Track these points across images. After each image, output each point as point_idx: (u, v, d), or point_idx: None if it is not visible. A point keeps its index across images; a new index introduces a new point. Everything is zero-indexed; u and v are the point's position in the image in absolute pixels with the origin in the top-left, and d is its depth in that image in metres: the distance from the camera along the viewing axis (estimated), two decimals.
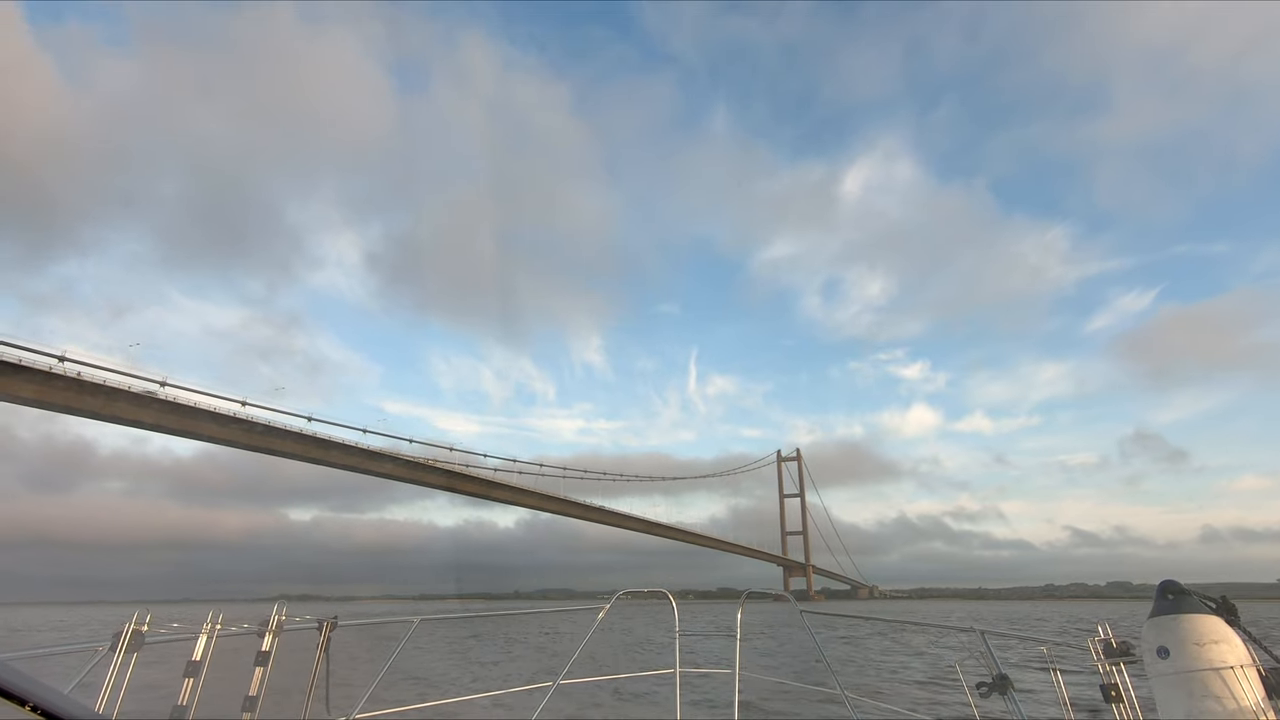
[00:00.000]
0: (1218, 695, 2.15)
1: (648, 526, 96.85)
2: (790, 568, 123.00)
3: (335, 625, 3.55)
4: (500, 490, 78.29)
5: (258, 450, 61.54)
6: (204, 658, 3.05)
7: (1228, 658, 2.19)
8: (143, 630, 2.88)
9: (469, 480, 75.20)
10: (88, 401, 49.51)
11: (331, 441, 63.61)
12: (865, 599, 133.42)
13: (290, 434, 61.09)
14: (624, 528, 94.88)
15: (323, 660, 3.45)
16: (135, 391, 51.05)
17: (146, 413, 52.34)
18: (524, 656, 19.22)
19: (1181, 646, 2.24)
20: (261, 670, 3.23)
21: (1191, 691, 2.18)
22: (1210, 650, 2.21)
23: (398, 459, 68.63)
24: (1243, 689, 2.14)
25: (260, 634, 3.31)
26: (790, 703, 10.58)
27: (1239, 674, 2.16)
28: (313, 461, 64.71)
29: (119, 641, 2.82)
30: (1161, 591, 2.40)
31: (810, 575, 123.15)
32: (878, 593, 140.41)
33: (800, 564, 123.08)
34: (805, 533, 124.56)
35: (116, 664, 2.77)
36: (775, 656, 19.16)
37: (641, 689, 11.84)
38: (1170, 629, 2.30)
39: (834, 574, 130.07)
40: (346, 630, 3.62)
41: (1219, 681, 2.16)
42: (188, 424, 54.94)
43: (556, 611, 12.15)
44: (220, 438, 58.28)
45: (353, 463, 66.24)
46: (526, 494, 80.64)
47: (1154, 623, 2.36)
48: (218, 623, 3.13)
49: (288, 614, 3.41)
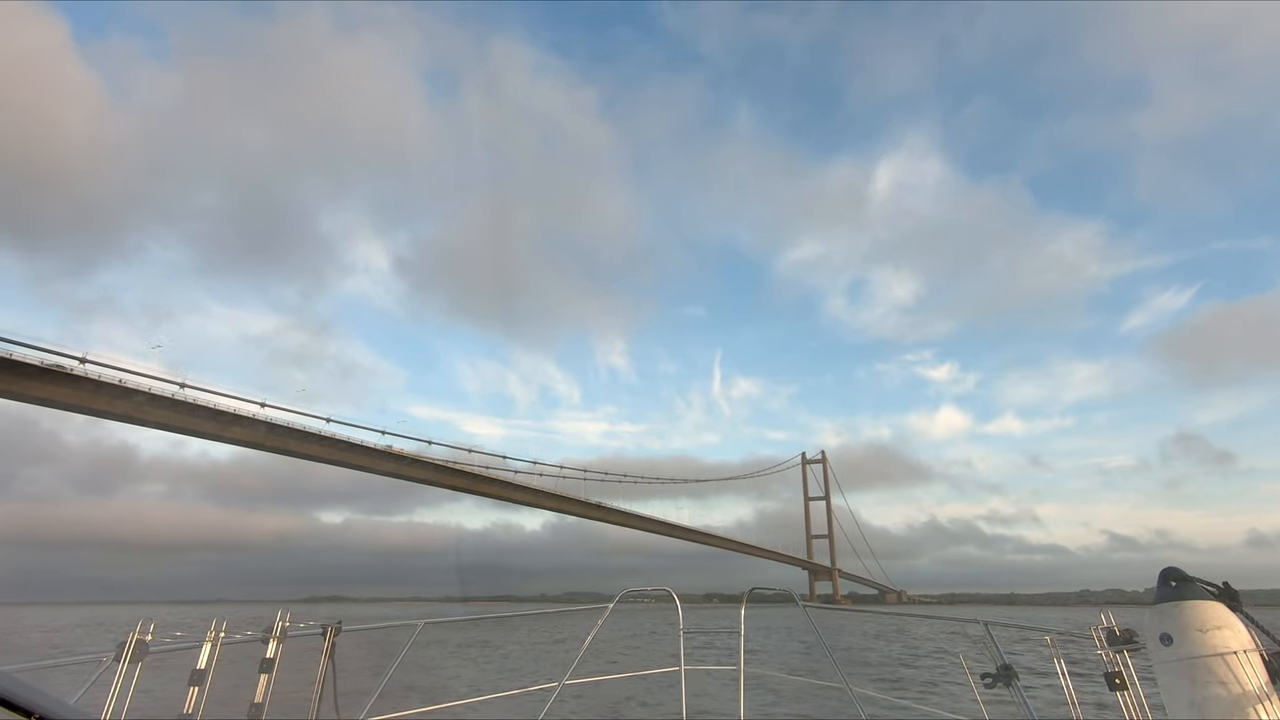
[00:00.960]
0: (1221, 680, 2.15)
1: (668, 529, 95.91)
2: (816, 571, 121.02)
3: (339, 631, 3.54)
4: (520, 492, 77.85)
5: (274, 451, 61.77)
6: (208, 666, 3.06)
7: (1231, 643, 2.20)
8: (146, 639, 2.88)
9: (488, 482, 74.77)
10: (108, 403, 49.94)
11: (349, 443, 63.55)
12: (893, 604, 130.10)
13: (309, 435, 61.19)
14: (644, 530, 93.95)
15: (328, 666, 3.44)
16: (154, 393, 51.35)
17: (162, 413, 52.60)
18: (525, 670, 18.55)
19: (1185, 633, 2.25)
20: (266, 677, 3.24)
21: (1195, 678, 2.19)
22: (1213, 636, 2.21)
23: (415, 460, 68.39)
24: (1246, 674, 2.14)
25: (264, 641, 3.30)
26: (796, 699, 10.56)
27: (1242, 659, 2.17)
28: (330, 462, 64.82)
29: (123, 651, 2.82)
30: (1164, 579, 2.41)
31: (836, 579, 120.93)
32: (906, 597, 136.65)
33: (826, 568, 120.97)
34: (831, 536, 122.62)
35: (121, 673, 2.76)
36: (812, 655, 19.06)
37: (646, 688, 11.74)
38: (1173, 616, 2.31)
39: (861, 578, 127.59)
40: (350, 635, 3.62)
41: (1223, 667, 2.17)
42: (205, 425, 55.19)
43: (561, 612, 12.33)
44: (241, 439, 58.59)
45: (367, 463, 66.14)
46: (546, 496, 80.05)
47: (1157, 610, 2.37)
48: (221, 630, 3.13)
49: (292, 619, 3.41)
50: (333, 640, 3.49)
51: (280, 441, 60.00)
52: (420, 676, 14.35)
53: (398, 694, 3.62)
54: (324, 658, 3.44)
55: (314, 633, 3.49)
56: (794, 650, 21.70)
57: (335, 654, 3.48)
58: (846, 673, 3.72)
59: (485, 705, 4.72)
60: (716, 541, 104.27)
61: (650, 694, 11.50)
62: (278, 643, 3.30)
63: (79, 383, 48.08)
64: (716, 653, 12.65)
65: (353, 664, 3.83)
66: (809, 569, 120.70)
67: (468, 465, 72.62)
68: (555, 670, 3.92)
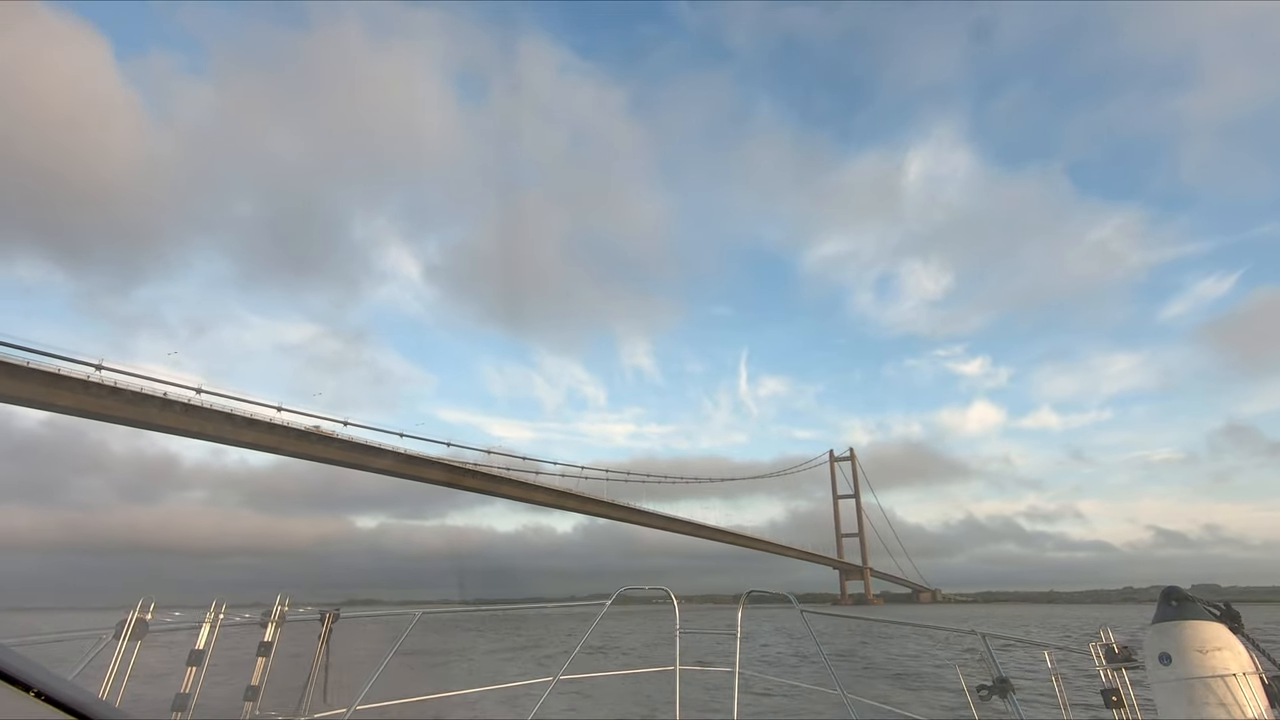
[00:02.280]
0: (1220, 703, 2.13)
1: (694, 529, 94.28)
2: (847, 571, 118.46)
3: (337, 617, 3.57)
4: (540, 493, 76.69)
5: (294, 455, 61.23)
6: (207, 647, 3.11)
7: (1230, 665, 2.17)
8: (146, 618, 2.94)
9: (508, 484, 73.65)
10: (122, 409, 49.51)
11: (366, 445, 62.80)
12: (927, 603, 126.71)
13: (335, 441, 60.63)
14: (670, 530, 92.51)
15: (323, 652, 3.47)
16: (169, 398, 50.87)
17: (178, 419, 52.06)
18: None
19: (1184, 653, 2.23)
20: (264, 660, 3.30)
21: (1193, 699, 2.17)
22: (1213, 657, 2.19)
23: (436, 463, 67.47)
24: (1245, 697, 2.12)
25: (263, 624, 3.36)
26: (790, 702, 10.67)
27: (1241, 681, 2.14)
28: (352, 466, 64.25)
29: (123, 629, 2.87)
30: (1164, 598, 2.40)
31: (868, 578, 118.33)
32: (940, 596, 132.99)
33: (858, 567, 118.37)
34: (861, 534, 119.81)
35: (120, 651, 2.81)
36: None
37: (640, 686, 11.72)
38: (1173, 635, 2.29)
39: (893, 577, 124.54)
40: (348, 622, 3.65)
41: (1221, 689, 2.13)
42: (223, 430, 54.68)
43: (559, 607, 11.92)
44: (259, 444, 57.99)
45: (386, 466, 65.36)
46: (567, 496, 78.82)
47: (1156, 629, 2.36)
48: (221, 612, 3.17)
49: (290, 605, 3.46)
50: (330, 626, 3.50)
51: (297, 446, 59.46)
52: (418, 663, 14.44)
53: (393, 683, 3.06)
54: (320, 643, 3.47)
55: (312, 618, 3.51)
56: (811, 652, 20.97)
57: (331, 640, 3.50)
58: (840, 678, 3.71)
59: (480, 697, 4.78)
60: (744, 541, 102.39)
61: (645, 692, 11.43)
62: (276, 627, 3.35)
63: (90, 388, 47.76)
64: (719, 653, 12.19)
65: (352, 652, 3.82)
66: (840, 568, 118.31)
67: (485, 467, 71.56)
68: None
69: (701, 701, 9.39)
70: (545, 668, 15.73)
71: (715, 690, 9.23)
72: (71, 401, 47.79)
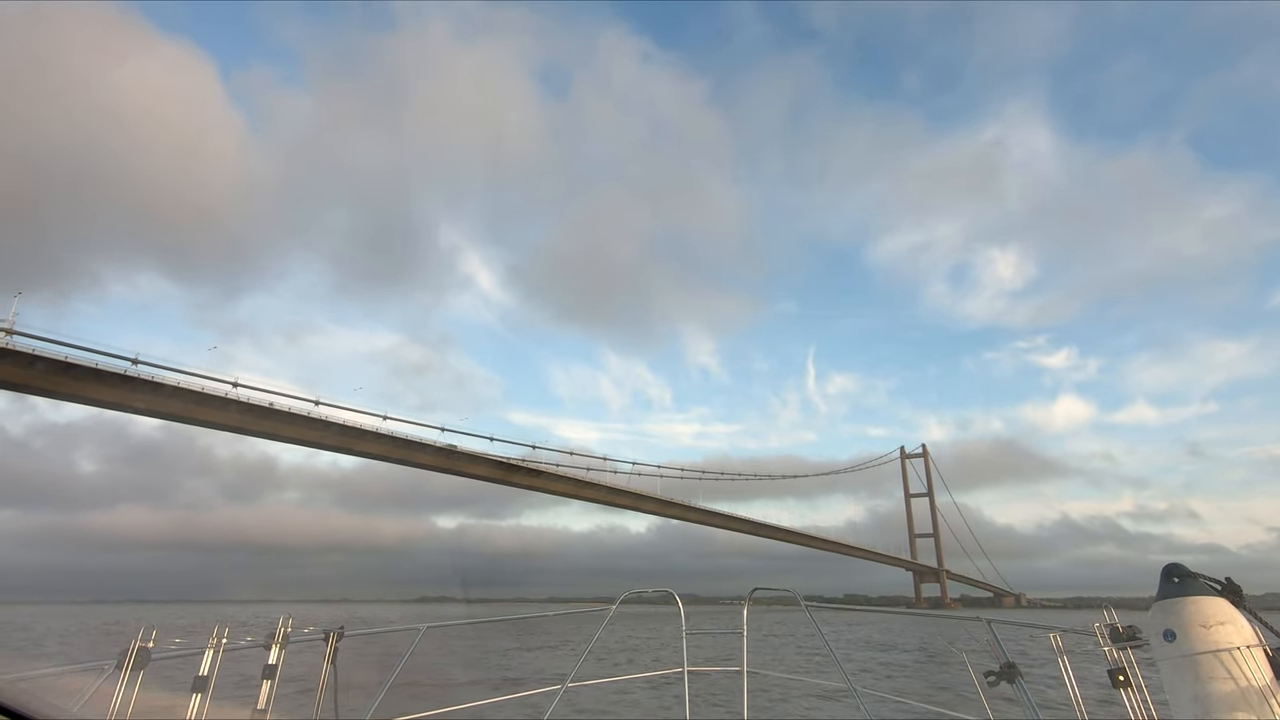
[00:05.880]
0: (1225, 676, 2.16)
1: (756, 529, 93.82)
2: (922, 573, 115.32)
3: (342, 636, 3.54)
4: (626, 497, 78.62)
5: (335, 450, 63.11)
6: (211, 672, 3.04)
7: (1234, 639, 2.20)
8: (149, 647, 2.88)
9: (596, 489, 76.02)
10: (160, 404, 51.73)
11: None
12: (1010, 607, 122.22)
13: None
14: (734, 530, 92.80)
15: (330, 671, 3.44)
16: (207, 393, 52.26)
17: (215, 413, 53.91)
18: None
19: (1187, 629, 2.26)
20: (269, 683, 3.20)
21: (1198, 674, 2.20)
22: (1216, 632, 2.22)
23: (521, 468, 70.50)
24: (1249, 669, 2.15)
25: (267, 646, 3.28)
26: (800, 699, 10.52)
27: (1245, 654, 2.17)
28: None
29: (124, 659, 2.82)
30: (1167, 574, 2.43)
31: (944, 581, 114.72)
32: (1025, 600, 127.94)
33: (932, 569, 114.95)
34: (936, 535, 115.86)
35: (123, 681, 2.77)
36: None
37: (650, 689, 11.70)
38: (1176, 612, 2.32)
39: (972, 580, 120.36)
40: (353, 640, 3.61)
41: (1226, 662, 2.17)
42: (263, 425, 56.95)
43: (565, 615, 12.21)
44: (298, 439, 59.63)
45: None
46: (646, 499, 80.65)
47: (1160, 606, 2.39)
48: (223, 637, 3.12)
49: (294, 625, 3.39)
50: (335, 645, 3.47)
51: (339, 440, 60.96)
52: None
53: (401, 699, 3.65)
54: (326, 663, 3.44)
55: (316, 638, 3.47)
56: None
57: (337, 659, 3.46)
58: (850, 673, 3.70)
59: (490, 709, 4.70)
60: (813, 542, 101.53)
61: (654, 696, 11.42)
62: (280, 648, 3.27)
63: (129, 383, 49.16)
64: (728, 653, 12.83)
65: (358, 671, 3.80)
66: (914, 570, 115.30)
67: (545, 465, 72.38)
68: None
69: (709, 702, 9.54)
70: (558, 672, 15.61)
71: (723, 691, 9.67)
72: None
